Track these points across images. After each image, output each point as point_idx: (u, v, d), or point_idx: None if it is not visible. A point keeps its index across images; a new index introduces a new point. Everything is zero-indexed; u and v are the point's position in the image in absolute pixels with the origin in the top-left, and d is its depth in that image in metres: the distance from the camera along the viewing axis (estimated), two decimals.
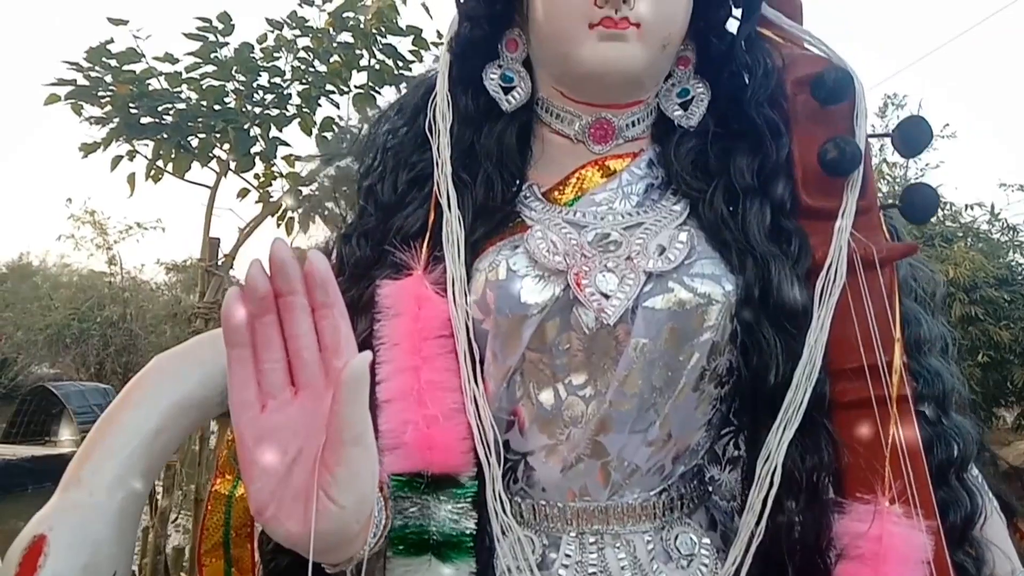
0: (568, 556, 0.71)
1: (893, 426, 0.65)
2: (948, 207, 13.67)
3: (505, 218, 0.75)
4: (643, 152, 0.80)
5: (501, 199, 0.75)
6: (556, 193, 0.77)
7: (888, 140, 0.74)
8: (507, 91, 0.78)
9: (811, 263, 0.70)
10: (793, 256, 0.70)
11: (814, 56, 0.77)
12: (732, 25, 0.79)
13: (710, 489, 0.79)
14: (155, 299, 27.46)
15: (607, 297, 0.67)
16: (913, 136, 0.75)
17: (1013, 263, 13.08)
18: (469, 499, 0.66)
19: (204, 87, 2.89)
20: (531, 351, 0.70)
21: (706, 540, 0.75)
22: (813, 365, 0.66)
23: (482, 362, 0.71)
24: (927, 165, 15.12)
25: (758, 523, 0.66)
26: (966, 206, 13.70)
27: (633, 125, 0.80)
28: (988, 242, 13.02)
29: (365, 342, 0.68)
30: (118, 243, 23.27)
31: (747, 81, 0.76)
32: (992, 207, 13.75)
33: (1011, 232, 13.58)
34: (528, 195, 0.77)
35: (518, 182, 0.78)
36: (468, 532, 0.65)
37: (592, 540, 0.71)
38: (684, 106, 0.79)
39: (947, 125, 18.08)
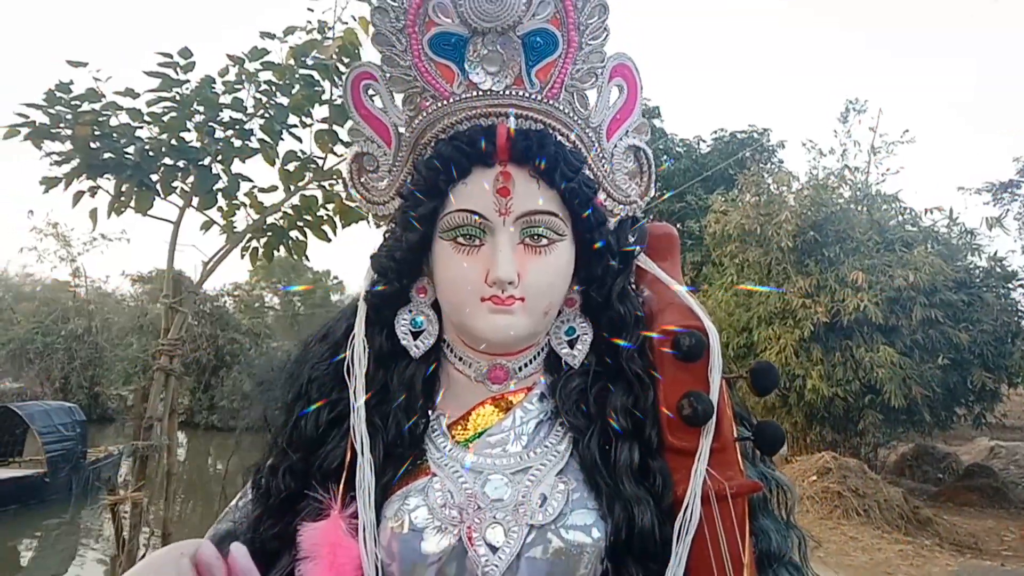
0: None
1: None
2: (908, 212, 13.92)
3: (413, 457, 0.84)
4: (536, 386, 0.90)
5: (409, 440, 0.84)
6: (458, 428, 0.87)
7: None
8: (417, 334, 0.89)
9: (673, 498, 0.79)
10: (657, 493, 0.79)
11: (680, 305, 0.88)
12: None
13: None
14: (121, 310, 27.10)
15: (495, 550, 0.77)
16: (763, 380, 0.84)
17: (971, 266, 13.31)
18: None
19: (165, 121, 2.91)
20: None
21: None
22: None
23: None
24: (888, 170, 15.38)
25: None
26: (925, 210, 13.91)
27: (526, 366, 0.91)
28: (947, 245, 13.24)
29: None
30: (82, 255, 23.01)
31: (622, 329, 0.87)
32: (951, 211, 13.98)
33: (969, 235, 13.85)
34: (435, 427, 0.87)
35: (427, 415, 0.87)
36: None
37: None
38: (571, 343, 0.89)
39: (907, 131, 18.41)
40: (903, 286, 11.45)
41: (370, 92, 0.90)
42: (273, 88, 3.10)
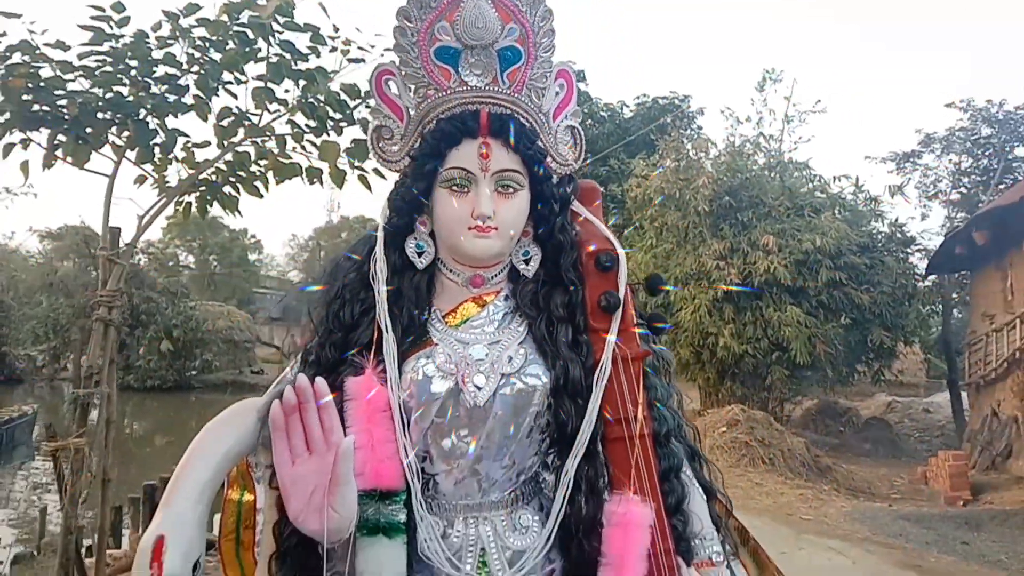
0: (458, 531, 1.19)
1: (637, 451, 1.16)
2: (818, 179, 14.55)
3: (420, 335, 1.22)
4: (502, 290, 1.29)
5: (417, 324, 1.22)
6: (450, 317, 1.25)
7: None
8: (420, 254, 1.25)
9: (594, 360, 1.19)
10: (583, 357, 1.20)
11: (601, 235, 1.28)
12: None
13: (542, 486, 1.27)
14: (28, 268, 26.01)
15: (479, 389, 1.17)
16: (652, 283, 1.29)
17: (874, 231, 14.04)
18: (401, 502, 1.10)
19: (97, 74, 2.91)
20: (437, 418, 1.17)
21: (536, 518, 1.23)
22: (591, 422, 1.15)
23: (409, 424, 1.16)
24: (800, 139, 16.02)
25: (562, 507, 1.15)
26: (834, 178, 14.55)
27: (496, 275, 1.28)
28: (853, 212, 13.92)
29: (338, 412, 1.11)
30: None
31: (561, 251, 1.26)
32: (857, 179, 14.68)
33: (873, 202, 14.60)
34: (433, 318, 1.25)
35: (428, 309, 1.25)
36: (401, 520, 1.10)
37: (472, 521, 1.20)
38: (526, 261, 1.28)
39: (819, 101, 19.01)
40: (810, 249, 12.03)
41: (389, 83, 1.26)
42: (206, 44, 3.13)
